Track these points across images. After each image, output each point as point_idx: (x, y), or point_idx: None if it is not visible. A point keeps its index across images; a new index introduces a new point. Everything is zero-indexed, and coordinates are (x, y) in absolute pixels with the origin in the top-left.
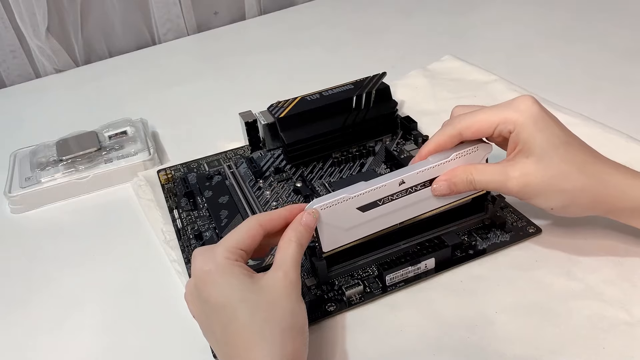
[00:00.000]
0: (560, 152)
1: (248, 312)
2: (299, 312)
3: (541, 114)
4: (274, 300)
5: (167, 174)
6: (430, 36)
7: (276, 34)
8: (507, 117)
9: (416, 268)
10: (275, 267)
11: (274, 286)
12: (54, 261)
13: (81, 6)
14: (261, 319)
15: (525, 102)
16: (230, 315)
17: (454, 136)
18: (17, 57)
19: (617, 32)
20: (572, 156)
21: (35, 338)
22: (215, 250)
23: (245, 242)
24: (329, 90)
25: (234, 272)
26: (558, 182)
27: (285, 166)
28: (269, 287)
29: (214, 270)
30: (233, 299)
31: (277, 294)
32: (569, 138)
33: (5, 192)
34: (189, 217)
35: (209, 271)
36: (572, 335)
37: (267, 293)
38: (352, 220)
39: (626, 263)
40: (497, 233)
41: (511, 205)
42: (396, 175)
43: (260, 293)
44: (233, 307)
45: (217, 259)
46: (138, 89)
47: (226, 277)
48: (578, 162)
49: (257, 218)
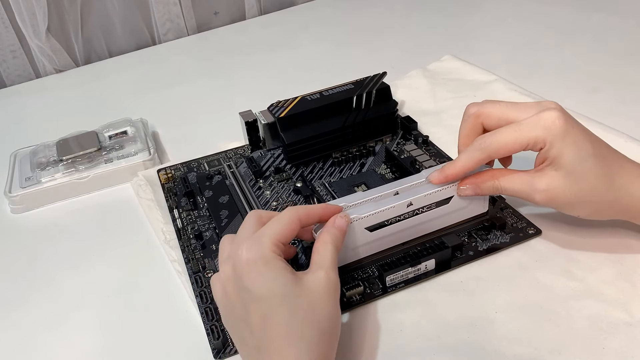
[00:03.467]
0: (588, 166)
1: (290, 310)
2: (336, 317)
3: (569, 128)
4: (315, 301)
5: (167, 173)
6: (430, 36)
7: (276, 34)
8: (537, 136)
9: (416, 269)
10: (315, 267)
11: (316, 287)
12: (54, 261)
13: (81, 6)
14: (301, 319)
15: (552, 117)
16: (272, 309)
17: (483, 160)
18: (17, 57)
19: (617, 32)
20: (599, 169)
21: (35, 338)
22: (261, 240)
23: (286, 235)
24: (329, 90)
25: (279, 266)
26: (585, 195)
27: (286, 166)
28: (311, 287)
29: (260, 260)
30: (277, 293)
31: (319, 294)
32: (596, 149)
33: (5, 192)
34: (189, 216)
35: (255, 260)
36: (572, 335)
37: (309, 293)
38: (360, 239)
39: (626, 263)
40: (497, 234)
41: (511, 206)
42: (404, 197)
43: (302, 292)
44: (277, 302)
45: (264, 250)
46: (138, 89)
47: (272, 270)
48: (605, 175)
49: (297, 212)
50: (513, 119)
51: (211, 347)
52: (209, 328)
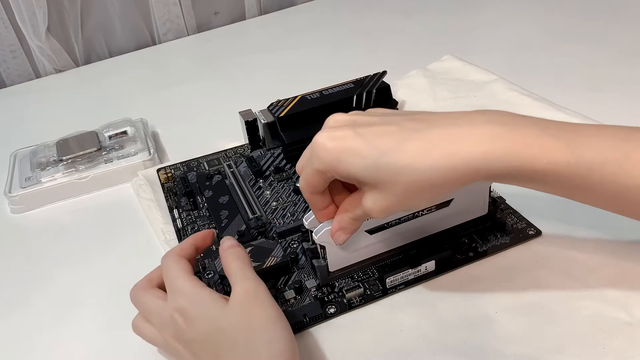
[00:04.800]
0: (380, 168)
1: (234, 338)
2: (277, 318)
3: (336, 147)
4: (246, 316)
5: (166, 172)
6: (430, 36)
7: (276, 34)
8: (318, 172)
9: (416, 270)
10: (233, 286)
11: (238, 303)
12: (54, 261)
13: (81, 6)
14: (244, 340)
15: (317, 144)
16: (220, 345)
17: (315, 201)
18: (17, 57)
19: (617, 32)
20: (388, 161)
21: (35, 337)
22: (177, 283)
23: (190, 254)
24: (329, 89)
25: (206, 300)
26: (401, 189)
27: (285, 165)
28: (236, 306)
29: (187, 305)
30: (216, 328)
31: (245, 308)
32: (372, 144)
33: (5, 192)
34: (189, 216)
35: (185, 308)
36: (572, 335)
37: (237, 312)
38: (360, 242)
39: (626, 263)
40: (497, 235)
41: (511, 207)
42: None
43: (232, 314)
44: (223, 337)
45: (185, 291)
46: (138, 89)
47: (202, 309)
48: (397, 166)
49: (174, 251)
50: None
51: None
52: None
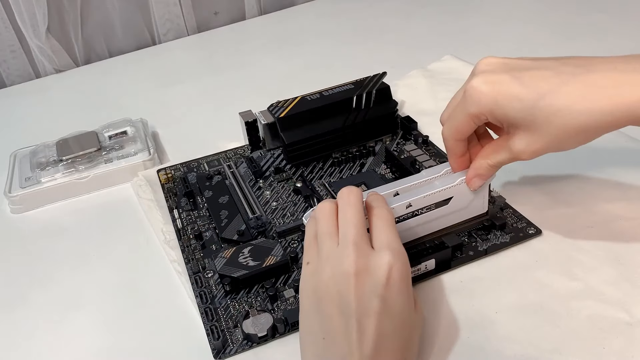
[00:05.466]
0: (539, 109)
1: (407, 336)
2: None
3: (495, 87)
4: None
5: (167, 173)
6: (430, 36)
7: (276, 34)
8: (472, 115)
9: (416, 269)
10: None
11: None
12: (54, 261)
13: (81, 6)
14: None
15: (472, 89)
16: (395, 331)
17: (455, 147)
18: (17, 57)
19: (617, 32)
20: (546, 103)
21: (35, 338)
22: (405, 257)
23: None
24: (329, 90)
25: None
26: (557, 129)
27: (285, 166)
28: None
29: (405, 280)
30: (407, 319)
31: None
32: (531, 85)
33: (5, 192)
34: (189, 217)
35: (402, 278)
36: (572, 335)
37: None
38: None
39: (626, 263)
40: (497, 234)
41: (511, 206)
42: (403, 198)
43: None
44: (402, 327)
45: (408, 271)
46: (138, 89)
47: (410, 295)
48: (555, 108)
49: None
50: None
51: (211, 348)
52: (209, 328)
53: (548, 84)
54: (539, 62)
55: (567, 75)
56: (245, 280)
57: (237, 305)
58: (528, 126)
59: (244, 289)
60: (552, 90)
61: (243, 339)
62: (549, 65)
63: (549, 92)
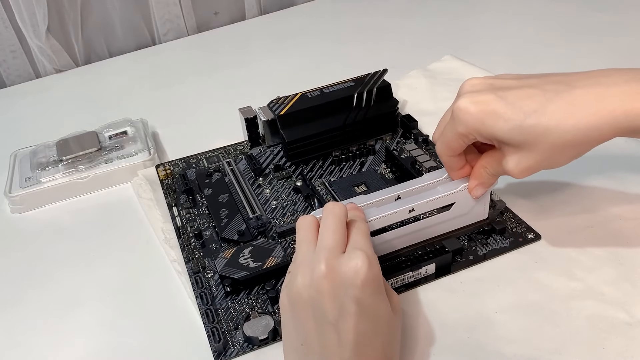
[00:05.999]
0: (526, 129)
1: (386, 334)
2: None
3: (482, 108)
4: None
5: (165, 169)
6: (430, 36)
7: (276, 34)
8: (461, 135)
9: (417, 273)
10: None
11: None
12: (54, 261)
13: (81, 6)
14: (391, 341)
15: (460, 109)
16: (376, 331)
17: (451, 162)
18: (17, 57)
19: (618, 32)
20: (533, 122)
21: (35, 338)
22: (370, 256)
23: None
24: (329, 87)
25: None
26: (548, 147)
27: (285, 163)
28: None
29: (376, 279)
30: (384, 317)
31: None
32: (517, 107)
33: (5, 192)
34: (189, 214)
35: (373, 278)
36: (572, 335)
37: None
38: None
39: (626, 263)
40: (497, 239)
41: (511, 210)
42: (406, 203)
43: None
44: (381, 325)
45: (378, 271)
46: (138, 89)
47: (382, 293)
48: (543, 127)
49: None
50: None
51: (212, 349)
52: (210, 330)
53: (533, 103)
54: (523, 81)
55: (551, 93)
56: (246, 281)
57: (237, 306)
58: (517, 145)
59: (245, 290)
60: (537, 109)
61: (244, 341)
62: (533, 84)
63: (534, 111)
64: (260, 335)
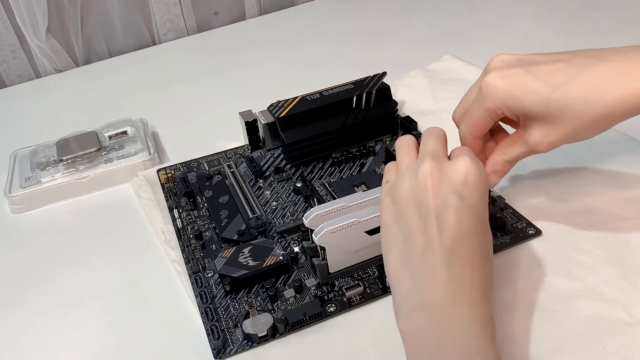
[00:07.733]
0: (554, 101)
1: (485, 232)
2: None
3: (510, 82)
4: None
5: (167, 173)
6: (430, 36)
7: (276, 34)
8: (489, 110)
9: None
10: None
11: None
12: (54, 261)
13: (81, 6)
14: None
15: (487, 84)
16: (477, 227)
17: (473, 143)
18: (17, 57)
19: (617, 32)
20: (560, 95)
21: (35, 338)
22: (476, 160)
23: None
24: (329, 90)
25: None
26: (574, 120)
27: (285, 166)
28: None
29: (482, 178)
30: (483, 214)
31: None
32: (547, 79)
33: (5, 192)
34: (189, 216)
35: (479, 176)
36: (572, 335)
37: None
38: (360, 243)
39: (626, 263)
40: (497, 234)
41: (511, 206)
42: None
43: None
44: (481, 222)
45: (483, 171)
46: (138, 89)
47: (486, 192)
48: (570, 99)
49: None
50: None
51: (211, 347)
52: (209, 328)
53: (562, 76)
54: (552, 56)
55: (580, 66)
56: (246, 280)
57: (237, 305)
58: (544, 118)
59: (244, 289)
60: (566, 81)
61: (243, 339)
62: (562, 58)
63: (563, 83)
64: (259, 332)
